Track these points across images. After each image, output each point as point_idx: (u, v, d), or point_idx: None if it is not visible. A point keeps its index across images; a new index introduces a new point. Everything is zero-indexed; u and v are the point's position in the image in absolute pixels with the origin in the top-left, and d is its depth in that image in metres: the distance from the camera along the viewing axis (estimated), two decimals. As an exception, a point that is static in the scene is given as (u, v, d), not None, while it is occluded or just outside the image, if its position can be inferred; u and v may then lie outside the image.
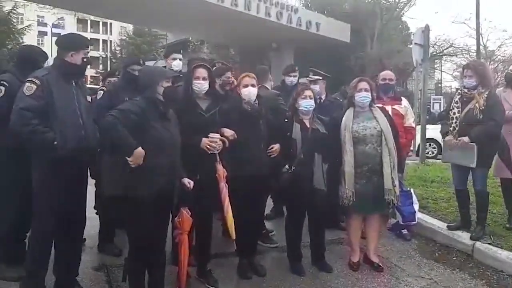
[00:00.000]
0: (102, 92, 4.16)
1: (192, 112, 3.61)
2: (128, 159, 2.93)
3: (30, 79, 3.20)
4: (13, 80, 3.57)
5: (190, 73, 3.70)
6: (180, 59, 4.81)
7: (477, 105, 4.32)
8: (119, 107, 3.08)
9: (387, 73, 5.26)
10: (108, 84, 4.51)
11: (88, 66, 3.61)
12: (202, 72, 3.64)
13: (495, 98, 4.42)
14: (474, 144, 4.27)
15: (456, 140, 4.41)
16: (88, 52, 3.43)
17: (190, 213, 3.31)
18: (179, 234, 3.34)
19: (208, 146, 3.53)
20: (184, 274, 3.43)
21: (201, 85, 3.61)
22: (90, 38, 49.67)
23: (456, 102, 4.55)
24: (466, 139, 4.31)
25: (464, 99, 4.48)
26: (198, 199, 3.40)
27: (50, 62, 3.65)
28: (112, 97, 3.97)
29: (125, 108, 3.04)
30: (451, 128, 4.53)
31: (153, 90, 3.14)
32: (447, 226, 4.78)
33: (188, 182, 3.28)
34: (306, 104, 3.98)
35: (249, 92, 3.84)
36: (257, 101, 3.90)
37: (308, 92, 4.05)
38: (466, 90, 4.51)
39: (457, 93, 4.66)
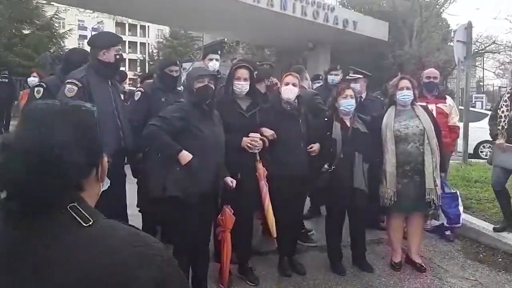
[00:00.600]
0: (139, 93, 4.24)
1: (233, 112, 3.65)
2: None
3: (70, 80, 3.28)
4: (52, 82, 3.72)
5: (231, 73, 3.74)
6: (217, 59, 4.88)
7: None
8: (162, 114, 3.15)
9: (432, 71, 5.16)
10: (145, 85, 4.61)
11: (126, 68, 3.73)
12: (243, 73, 3.68)
13: None
14: None
15: (508, 144, 4.31)
16: (119, 49, 3.49)
17: (232, 211, 3.36)
18: (221, 231, 3.39)
19: (249, 145, 3.57)
20: (226, 271, 3.50)
21: (242, 86, 3.65)
22: (128, 41, 51.29)
23: (505, 101, 4.44)
24: None
25: None
26: (239, 197, 3.45)
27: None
28: (149, 98, 4.08)
29: (169, 116, 3.10)
30: (500, 127, 4.41)
31: (191, 90, 3.22)
32: (493, 229, 4.65)
33: (231, 181, 3.33)
34: (347, 104, 3.95)
35: (290, 91, 3.85)
36: (296, 101, 3.91)
37: (348, 92, 4.01)
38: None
39: (506, 92, 4.52)
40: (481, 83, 30.37)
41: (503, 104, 4.45)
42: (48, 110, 0.99)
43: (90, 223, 0.94)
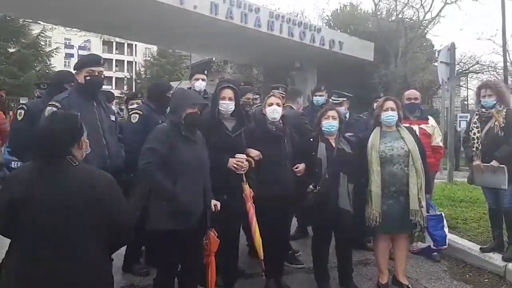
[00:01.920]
0: (137, 116, 4.20)
1: (219, 132, 3.65)
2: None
3: (51, 102, 3.37)
4: (35, 105, 3.75)
5: (216, 94, 3.75)
6: (203, 79, 4.90)
7: (496, 123, 4.31)
8: (149, 144, 3.12)
9: (412, 92, 5.23)
10: (140, 107, 4.57)
11: (113, 86, 3.76)
12: (228, 92, 3.69)
13: None
14: (504, 166, 4.22)
15: (485, 163, 4.37)
16: (93, 71, 3.49)
17: (216, 235, 3.32)
18: (206, 255, 3.34)
19: (235, 166, 3.56)
20: None
21: (227, 105, 3.66)
22: (115, 60, 51.34)
23: (475, 123, 4.54)
24: (494, 163, 4.28)
25: (483, 118, 4.48)
26: (225, 218, 3.42)
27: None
28: (147, 120, 4.06)
29: (156, 146, 3.08)
30: (474, 149, 4.49)
31: (179, 115, 3.20)
32: (480, 249, 4.65)
33: (215, 205, 3.32)
34: (328, 125, 3.98)
35: (273, 111, 3.87)
36: (281, 121, 3.93)
37: (331, 113, 4.04)
38: (484, 110, 4.49)
39: (474, 114, 4.61)
40: (466, 103, 30.87)
41: (474, 126, 4.54)
42: (55, 114, 2.46)
43: (77, 164, 2.17)
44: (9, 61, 21.18)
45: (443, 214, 4.56)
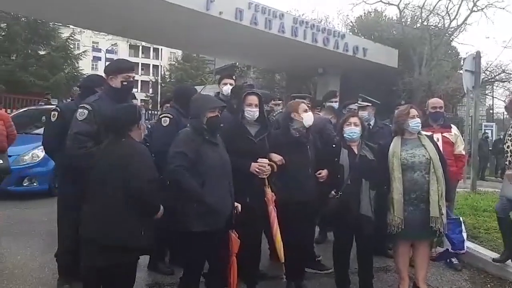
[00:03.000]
0: (167, 119, 4.32)
1: (242, 137, 3.75)
2: None
3: (82, 105, 3.52)
4: (67, 107, 3.92)
5: (241, 99, 3.86)
6: (231, 84, 4.99)
7: None
8: (177, 149, 3.23)
9: (437, 101, 5.22)
10: (170, 111, 4.69)
11: (138, 89, 3.90)
12: (254, 99, 3.79)
13: None
14: None
15: None
16: (129, 76, 3.64)
17: (237, 235, 3.39)
18: (228, 256, 3.40)
19: (257, 170, 3.65)
20: None
21: (253, 112, 3.77)
22: (141, 63, 52.17)
23: (510, 135, 4.48)
24: None
25: None
26: (247, 221, 3.50)
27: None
28: (176, 124, 4.19)
29: (184, 149, 3.20)
30: (507, 162, 4.46)
31: (200, 120, 3.32)
32: (493, 259, 4.60)
33: (236, 207, 3.40)
34: (350, 131, 4.04)
35: (310, 117, 3.98)
36: (305, 128, 4.01)
37: (353, 119, 4.10)
38: None
39: (510, 126, 4.57)
40: (491, 111, 30.36)
41: (508, 139, 4.50)
42: (120, 106, 3.20)
43: (124, 140, 2.95)
44: (40, 63, 21.80)
45: (461, 218, 4.57)
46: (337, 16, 49.30)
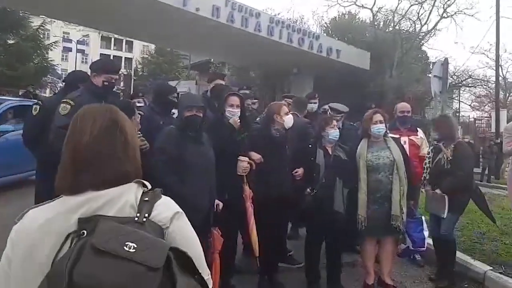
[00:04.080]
0: (139, 116, 4.37)
1: (222, 135, 3.86)
2: None
3: (65, 99, 3.57)
4: (50, 101, 3.94)
5: (223, 100, 3.99)
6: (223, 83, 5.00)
7: (444, 156, 4.47)
8: (159, 144, 3.35)
9: (405, 105, 5.47)
10: (143, 108, 4.77)
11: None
12: (235, 100, 3.94)
13: (462, 149, 4.53)
14: (444, 195, 4.40)
15: (432, 190, 4.55)
16: (112, 78, 3.73)
17: (220, 233, 3.50)
18: (210, 253, 3.46)
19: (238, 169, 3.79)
20: None
21: (235, 112, 3.91)
22: (113, 56, 51.35)
23: (428, 153, 4.73)
24: (438, 191, 4.45)
25: (436, 150, 4.64)
26: (225, 218, 3.63)
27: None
28: (149, 122, 4.26)
29: (165, 145, 3.32)
30: (422, 178, 4.72)
31: (181, 118, 3.46)
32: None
33: (217, 204, 3.53)
34: (335, 134, 4.25)
35: (291, 119, 4.15)
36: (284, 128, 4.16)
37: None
38: (435, 142, 4.72)
39: (431, 145, 4.77)
40: (457, 114, 31.36)
41: (427, 157, 4.73)
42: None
43: None
44: (8, 52, 21.23)
45: (423, 218, 4.81)
46: (312, 16, 49.62)
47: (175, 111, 4.35)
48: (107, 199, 1.20)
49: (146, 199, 1.25)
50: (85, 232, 1.11)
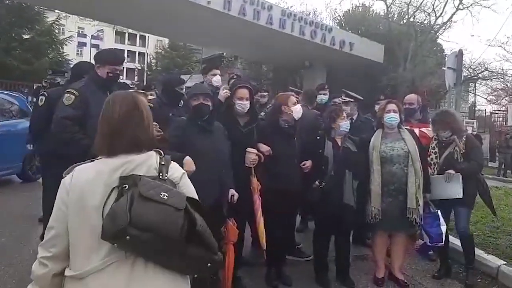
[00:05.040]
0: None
1: (231, 126, 3.84)
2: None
3: (69, 90, 3.55)
4: (55, 92, 3.94)
5: (233, 92, 3.96)
6: (220, 75, 5.04)
7: (457, 148, 4.34)
8: (170, 135, 3.35)
9: (409, 97, 5.35)
10: (153, 101, 4.77)
11: (124, 77, 3.94)
12: (245, 92, 3.89)
13: (473, 141, 4.48)
14: (458, 174, 4.26)
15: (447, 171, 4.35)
16: (116, 69, 3.70)
17: (235, 224, 3.48)
18: (224, 244, 3.46)
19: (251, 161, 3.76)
20: (228, 283, 3.56)
21: (244, 105, 3.87)
22: (127, 50, 51.62)
23: (433, 148, 4.52)
24: (451, 171, 4.29)
25: (443, 144, 4.47)
26: (233, 209, 3.60)
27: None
28: (157, 114, 4.24)
29: (171, 134, 3.33)
30: (430, 173, 4.48)
31: (189, 108, 3.46)
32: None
33: (232, 195, 3.49)
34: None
35: (300, 110, 4.09)
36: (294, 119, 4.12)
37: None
38: (445, 137, 4.48)
39: (433, 139, 4.57)
40: (474, 108, 30.90)
41: (432, 152, 4.53)
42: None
43: None
44: (23, 47, 21.47)
45: (439, 212, 4.72)
46: (325, 9, 49.30)
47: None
48: (138, 163, 1.70)
49: (163, 163, 1.76)
50: (126, 186, 1.60)
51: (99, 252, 1.57)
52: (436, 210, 4.79)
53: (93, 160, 1.72)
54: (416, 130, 4.75)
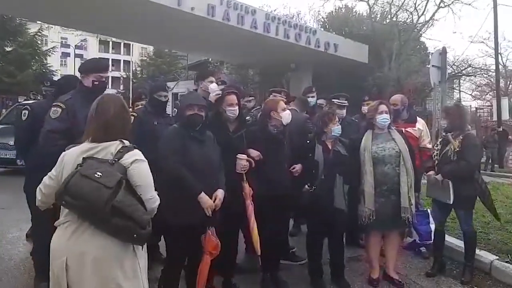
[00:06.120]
0: (132, 117, 4.37)
1: (220, 132, 3.81)
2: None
3: (55, 103, 3.51)
4: (39, 105, 3.90)
5: (221, 99, 3.95)
6: (216, 82, 4.98)
7: (452, 147, 4.37)
8: (169, 146, 3.31)
9: (393, 98, 5.36)
10: (138, 110, 4.76)
11: (109, 86, 3.91)
12: (233, 99, 3.89)
13: (471, 140, 4.43)
14: (448, 180, 4.29)
15: (434, 176, 4.43)
16: (101, 76, 3.66)
17: (215, 235, 3.39)
18: (202, 253, 3.41)
19: (237, 166, 3.74)
20: None
21: (235, 111, 3.87)
22: (112, 59, 51.37)
23: (436, 145, 4.62)
24: (439, 177, 4.34)
25: (444, 141, 4.53)
26: (225, 215, 3.57)
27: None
28: (142, 122, 4.24)
29: (175, 146, 3.29)
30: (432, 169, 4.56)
31: (182, 117, 3.42)
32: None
33: (215, 197, 3.37)
34: (338, 130, 4.20)
35: (289, 115, 4.07)
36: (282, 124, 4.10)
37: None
38: (444, 133, 4.61)
39: (440, 136, 4.67)
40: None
41: (435, 148, 4.63)
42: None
43: None
44: (6, 59, 21.28)
45: (428, 211, 4.75)
46: (309, 12, 49.59)
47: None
48: (100, 148, 2.26)
49: (122, 151, 2.26)
50: (82, 165, 2.18)
51: (63, 211, 2.24)
52: (426, 209, 4.83)
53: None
54: (402, 130, 4.78)
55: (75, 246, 2.14)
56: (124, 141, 2.30)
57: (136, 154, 2.28)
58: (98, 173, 2.11)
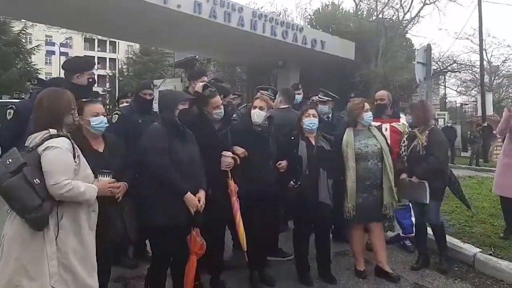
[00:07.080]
0: (117, 116, 4.38)
1: (205, 131, 3.80)
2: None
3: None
4: (23, 105, 3.88)
5: (205, 102, 3.91)
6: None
7: (420, 141, 4.44)
8: (159, 144, 3.25)
9: (379, 94, 5.44)
10: (122, 108, 4.77)
11: (96, 84, 3.93)
12: (218, 101, 3.87)
13: (437, 135, 4.52)
14: (424, 181, 4.36)
15: (408, 178, 4.47)
16: (93, 73, 3.73)
17: (198, 235, 3.40)
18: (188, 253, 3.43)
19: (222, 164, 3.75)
20: None
21: (221, 112, 3.87)
22: (97, 57, 50.88)
23: (403, 142, 4.65)
24: (414, 179, 4.39)
25: (411, 137, 4.59)
26: (210, 213, 3.56)
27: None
28: (126, 120, 4.25)
29: (162, 145, 3.24)
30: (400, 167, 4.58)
31: (172, 113, 3.38)
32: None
33: (199, 198, 3.35)
34: (309, 122, 4.22)
35: (256, 114, 4.06)
36: (266, 122, 4.12)
37: (312, 111, 4.29)
38: (410, 129, 4.68)
39: (405, 132, 4.72)
40: (445, 100, 31.53)
41: (402, 145, 4.65)
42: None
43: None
44: (-11, 58, 21.00)
45: (410, 205, 4.82)
46: (296, 9, 49.53)
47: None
48: (34, 137, 2.53)
49: (42, 139, 2.49)
50: None
51: None
52: (408, 203, 4.90)
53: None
54: (387, 125, 4.86)
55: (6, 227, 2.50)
56: (51, 130, 2.53)
57: (53, 142, 2.48)
58: (9, 160, 2.42)
